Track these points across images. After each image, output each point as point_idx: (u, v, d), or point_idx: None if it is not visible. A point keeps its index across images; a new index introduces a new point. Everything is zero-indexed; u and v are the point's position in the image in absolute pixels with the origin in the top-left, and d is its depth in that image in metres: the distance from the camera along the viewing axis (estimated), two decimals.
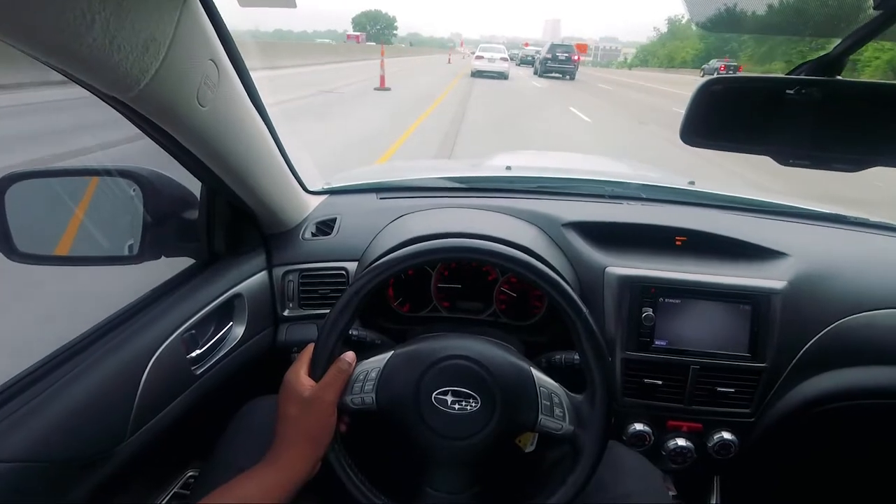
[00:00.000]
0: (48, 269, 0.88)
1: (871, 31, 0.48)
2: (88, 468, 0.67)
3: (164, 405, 0.78)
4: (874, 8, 0.46)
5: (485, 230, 0.95)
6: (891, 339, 1.01)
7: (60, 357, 0.70)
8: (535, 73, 24.68)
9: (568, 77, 22.31)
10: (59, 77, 0.52)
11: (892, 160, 0.56)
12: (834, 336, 1.00)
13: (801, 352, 1.00)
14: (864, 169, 0.55)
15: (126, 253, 0.82)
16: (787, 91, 0.53)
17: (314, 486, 0.68)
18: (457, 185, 1.34)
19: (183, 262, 0.94)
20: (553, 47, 23.11)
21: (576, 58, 22.66)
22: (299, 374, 0.69)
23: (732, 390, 0.99)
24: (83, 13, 0.43)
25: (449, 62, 35.14)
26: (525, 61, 39.21)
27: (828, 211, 1.28)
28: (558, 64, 21.94)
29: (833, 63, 0.53)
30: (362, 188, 1.31)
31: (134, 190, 0.81)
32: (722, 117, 0.58)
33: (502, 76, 20.22)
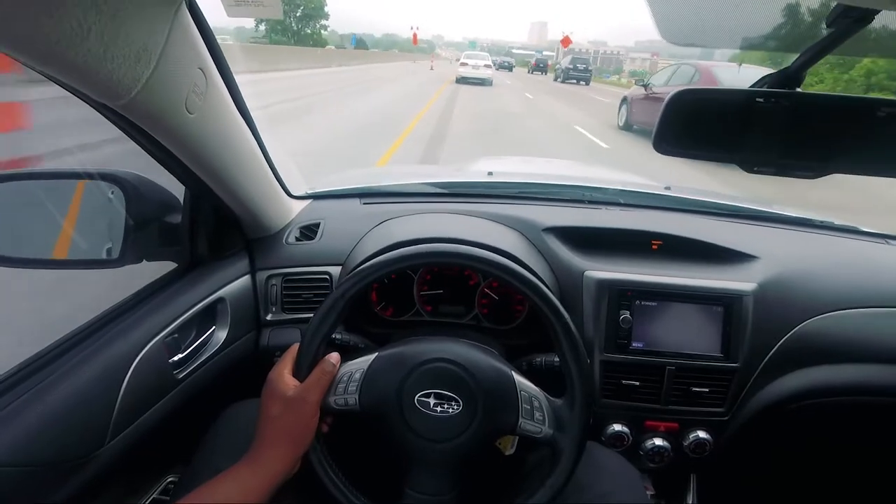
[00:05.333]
0: None
1: (825, 47, 0.51)
2: (68, 472, 0.67)
3: (146, 409, 0.78)
4: (827, 26, 0.49)
5: (467, 235, 0.97)
6: (856, 337, 1.05)
7: (41, 360, 0.69)
8: (556, 79, 30.01)
9: (583, 83, 27.50)
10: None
11: (848, 168, 0.59)
12: (802, 336, 1.04)
13: (772, 351, 1.03)
14: (822, 176, 0.58)
15: (107, 256, 0.82)
16: (757, 100, 0.56)
17: (295, 485, 0.69)
18: (439, 190, 1.35)
19: (165, 267, 0.94)
20: (574, 59, 29.49)
21: (591, 68, 29.37)
22: (283, 374, 0.69)
23: (707, 390, 1.02)
24: (79, 23, 0.44)
25: (429, 71, 26.03)
26: (502, 66, 43.04)
27: (796, 215, 1.33)
28: (578, 73, 27.48)
29: (793, 76, 0.56)
30: (346, 193, 1.31)
31: (112, 192, 0.80)
32: (690, 127, 0.61)
33: (485, 82, 20.94)
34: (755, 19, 0.51)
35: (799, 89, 0.56)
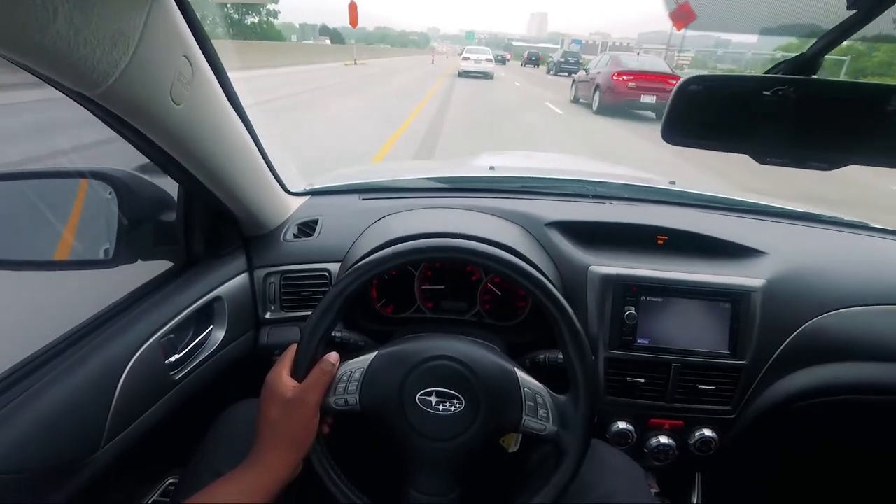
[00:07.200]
0: None
1: (845, 31, 0.49)
2: (62, 478, 0.66)
3: (142, 411, 0.76)
4: (848, 8, 0.47)
5: (468, 230, 0.95)
6: (864, 335, 1.03)
7: (34, 363, 0.68)
8: (548, 72, 34.08)
9: (574, 75, 29.17)
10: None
11: (866, 159, 0.57)
12: (810, 333, 1.02)
13: (780, 349, 1.01)
14: (838, 167, 0.56)
15: (101, 257, 0.80)
16: (765, 92, 0.54)
17: (297, 486, 0.68)
18: (440, 185, 1.33)
19: (160, 266, 0.92)
20: (565, 54, 33.29)
21: (581, 61, 32.45)
22: (282, 375, 0.68)
23: (713, 388, 1.00)
24: (44, 5, 0.41)
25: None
26: (496, 59, 45.61)
27: (803, 210, 1.31)
28: (569, 66, 30.60)
29: (809, 63, 0.53)
30: (345, 189, 1.29)
31: (110, 193, 0.79)
32: (700, 116, 0.59)
33: (487, 76, 20.95)
34: (771, 2, 0.48)
35: (815, 76, 0.53)
